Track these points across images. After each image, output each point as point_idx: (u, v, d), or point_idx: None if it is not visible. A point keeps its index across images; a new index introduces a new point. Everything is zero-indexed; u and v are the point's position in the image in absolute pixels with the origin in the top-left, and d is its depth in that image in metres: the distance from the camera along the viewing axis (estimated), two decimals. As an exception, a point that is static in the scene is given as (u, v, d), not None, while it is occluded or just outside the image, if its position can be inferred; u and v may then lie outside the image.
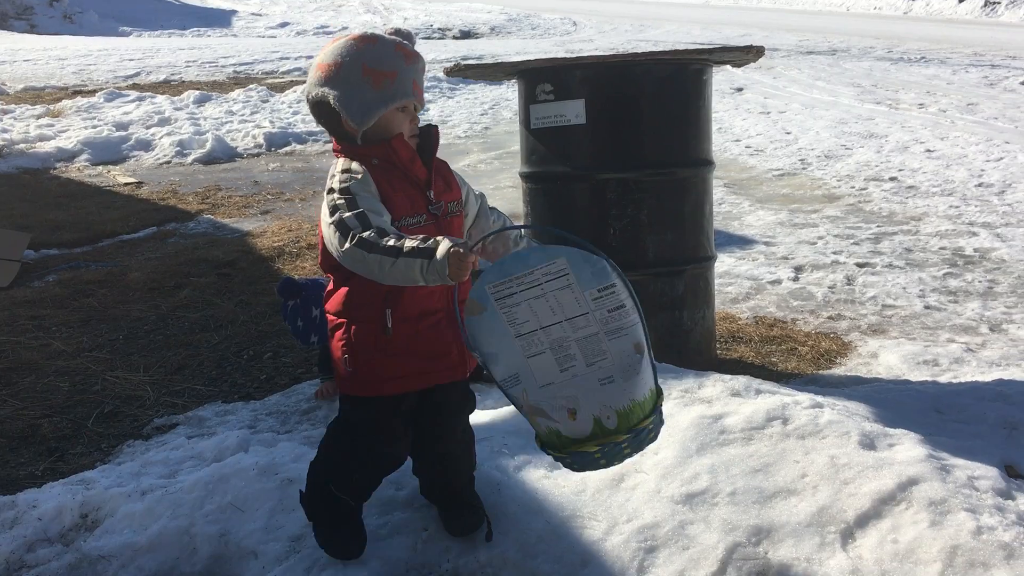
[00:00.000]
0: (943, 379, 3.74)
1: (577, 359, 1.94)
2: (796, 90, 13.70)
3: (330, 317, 2.31)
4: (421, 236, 1.95)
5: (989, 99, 12.25)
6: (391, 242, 1.93)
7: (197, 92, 12.69)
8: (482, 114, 12.43)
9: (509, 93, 13.34)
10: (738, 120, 11.41)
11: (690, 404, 3.04)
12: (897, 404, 3.24)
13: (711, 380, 3.19)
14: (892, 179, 8.06)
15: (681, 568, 2.34)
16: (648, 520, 2.49)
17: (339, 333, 2.27)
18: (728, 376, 3.24)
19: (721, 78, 14.38)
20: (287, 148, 10.40)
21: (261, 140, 10.39)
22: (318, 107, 2.21)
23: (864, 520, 2.42)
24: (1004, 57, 18.18)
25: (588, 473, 2.66)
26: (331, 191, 2.12)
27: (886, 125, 10.51)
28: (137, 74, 15.47)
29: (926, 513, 2.39)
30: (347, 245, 1.97)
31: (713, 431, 2.85)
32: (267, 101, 12.58)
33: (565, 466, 2.07)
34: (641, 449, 2.03)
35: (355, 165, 2.15)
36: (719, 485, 2.60)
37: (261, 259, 6.12)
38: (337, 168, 2.17)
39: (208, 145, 9.90)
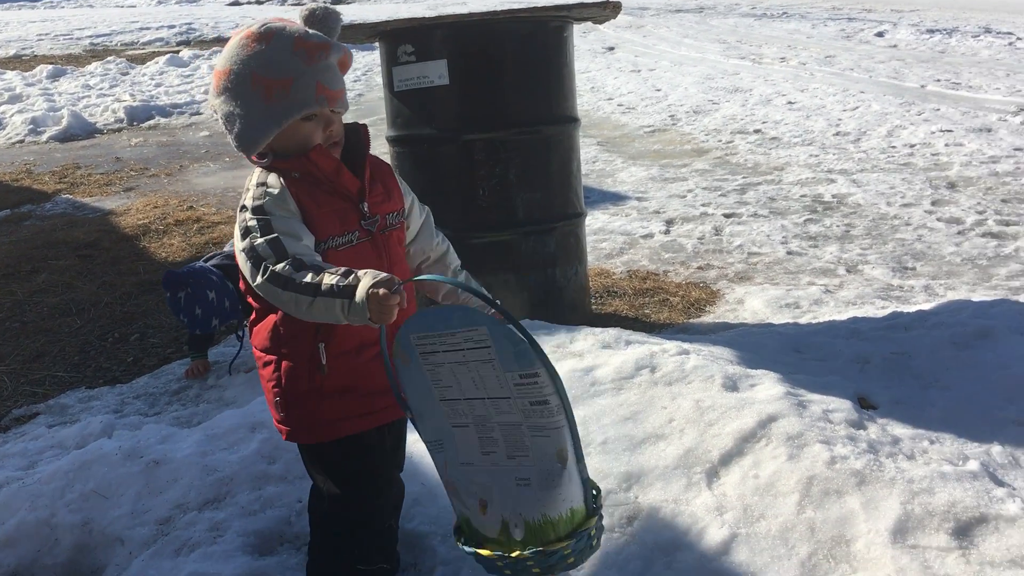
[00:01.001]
0: (803, 320, 3.90)
1: (500, 446, 1.66)
2: (665, 48, 13.96)
3: (257, 353, 1.96)
4: (342, 270, 1.65)
5: (846, 51, 12.76)
6: (307, 278, 1.65)
7: (51, 66, 12.08)
8: (355, 80, 12.22)
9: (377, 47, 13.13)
10: (610, 79, 11.55)
11: (562, 359, 3.08)
12: (759, 346, 3.37)
13: (582, 334, 3.24)
14: (756, 131, 8.32)
15: (555, 518, 2.38)
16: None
17: (268, 372, 1.92)
18: (599, 329, 3.30)
19: (593, 38, 14.52)
20: (151, 122, 10.00)
21: (122, 115, 9.96)
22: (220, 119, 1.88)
23: (727, 459, 2.51)
24: (860, 11, 18.96)
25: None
26: (243, 208, 1.81)
27: (750, 79, 10.83)
28: (-18, 49, 14.55)
29: (784, 448, 2.50)
30: (259, 279, 1.70)
31: (584, 383, 2.90)
32: (127, 74, 12.06)
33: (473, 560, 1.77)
34: (555, 572, 1.69)
35: (272, 179, 1.83)
36: (591, 435, 2.64)
37: (125, 238, 5.88)
38: (252, 181, 1.86)
39: (64, 122, 9.42)
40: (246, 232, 1.76)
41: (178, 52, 14.08)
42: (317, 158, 1.82)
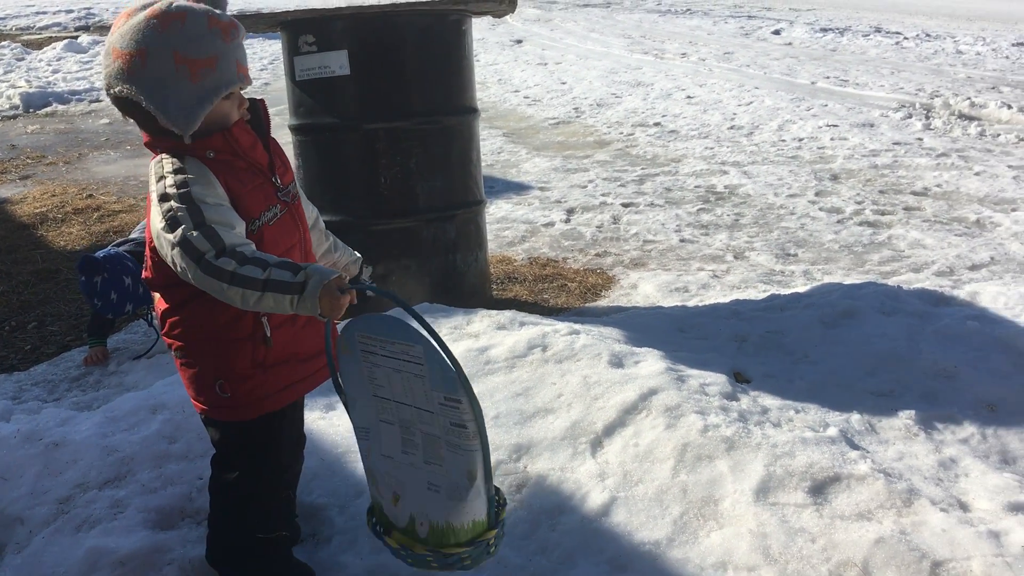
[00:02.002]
0: (691, 303, 4.13)
1: (419, 450, 1.77)
2: (572, 41, 14.20)
3: (177, 343, 1.96)
4: (287, 264, 1.71)
5: (743, 48, 13.21)
6: (255, 273, 1.68)
7: (-63, 49, 11.56)
8: (261, 69, 12.10)
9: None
10: (517, 71, 11.72)
11: (459, 339, 3.21)
12: (646, 327, 3.56)
13: (479, 316, 3.38)
14: (656, 124, 8.60)
15: (449, 488, 2.51)
16: (418, 448, 2.64)
17: (204, 356, 1.94)
18: (495, 312, 3.45)
19: (502, 30, 14.66)
20: (47, 109, 9.73)
21: (17, 101, 9.67)
22: (123, 104, 1.82)
23: (611, 429, 2.68)
24: (760, 9, 19.57)
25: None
26: (165, 198, 1.76)
27: (652, 74, 11.14)
28: None
29: (663, 418, 2.68)
30: (198, 272, 1.69)
31: (480, 362, 3.04)
32: (23, 59, 11.69)
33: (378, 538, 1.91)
34: (451, 570, 1.81)
35: (191, 163, 1.80)
36: (484, 410, 2.74)
37: (22, 227, 5.77)
38: (164, 168, 1.81)
39: (-46, 108, 9.10)
40: (174, 223, 1.72)
41: (76, 38, 13.67)
42: (239, 134, 1.86)
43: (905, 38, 14.74)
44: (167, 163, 1.82)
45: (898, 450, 2.70)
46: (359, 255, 2.35)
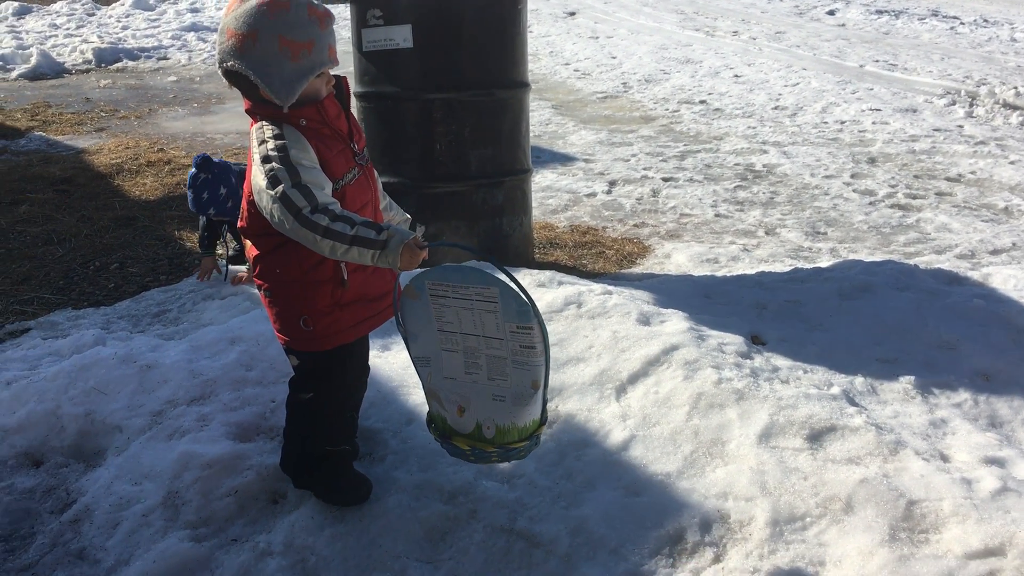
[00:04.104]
0: (720, 273, 4.41)
1: (483, 370, 2.11)
2: (624, 16, 14.34)
3: (267, 283, 2.28)
4: (371, 223, 2.01)
5: (796, 28, 13.26)
6: (345, 229, 1.98)
7: (16, 3, 12.14)
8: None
9: (347, 11, 13.34)
10: (569, 44, 11.94)
11: (502, 294, 3.54)
12: (674, 291, 3.86)
13: (521, 274, 3.71)
14: (702, 102, 8.81)
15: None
16: (463, 386, 2.99)
17: (290, 296, 2.26)
18: (536, 271, 3.78)
19: (556, 2, 14.83)
20: (118, 64, 10.19)
21: (90, 56, 10.13)
22: (233, 77, 2.12)
23: (634, 378, 3.01)
24: (818, -13, 19.36)
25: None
26: (267, 159, 2.05)
27: (702, 51, 11.29)
28: (-57, -19, 14.44)
29: (681, 370, 3.00)
30: (295, 224, 1.98)
31: (520, 315, 3.37)
32: (93, 15, 12.16)
33: (441, 446, 2.31)
34: (508, 460, 2.27)
35: (288, 130, 2.10)
36: (522, 356, 3.12)
37: (99, 176, 6.20)
38: (265, 134, 2.10)
39: (33, 60, 9.59)
40: (274, 180, 2.01)
41: (143, -6, 14.14)
42: (328, 105, 2.18)
43: (961, 23, 14.65)
44: (267, 129, 2.11)
45: (894, 409, 2.99)
46: (408, 216, 2.68)
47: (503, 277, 2.02)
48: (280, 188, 2.01)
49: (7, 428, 2.90)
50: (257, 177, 2.07)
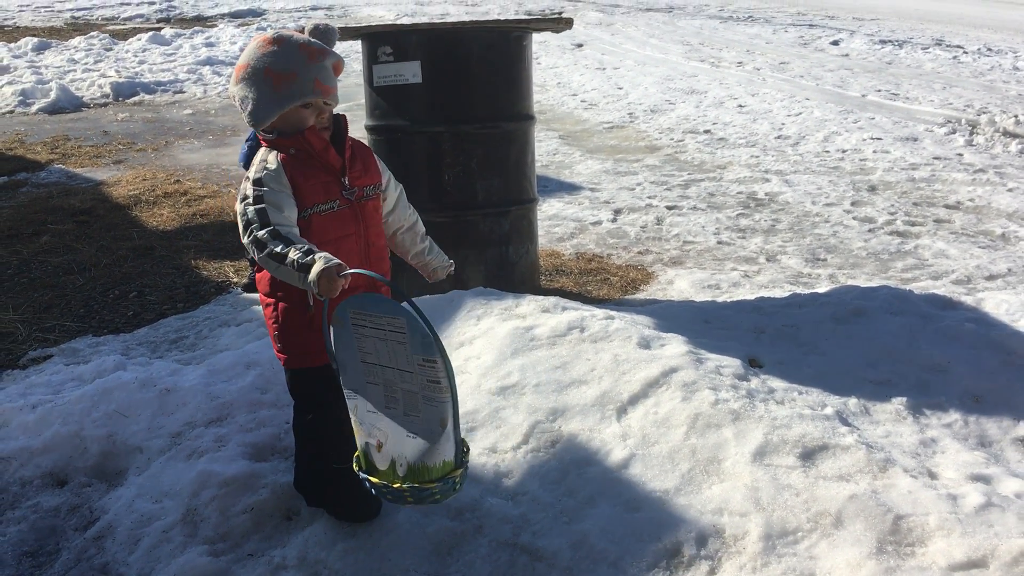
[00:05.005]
0: (720, 299, 4.53)
1: (400, 404, 2.16)
2: (631, 47, 14.57)
3: (261, 296, 2.48)
4: (305, 248, 2.13)
5: (800, 58, 13.46)
6: (278, 248, 2.14)
7: (35, 39, 12.42)
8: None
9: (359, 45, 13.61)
10: (576, 75, 12.15)
11: (508, 319, 3.67)
12: (675, 316, 3.98)
13: (526, 300, 3.83)
14: (706, 132, 8.97)
15: (494, 441, 2.98)
16: (470, 408, 3.11)
17: (268, 311, 2.45)
18: (541, 296, 3.90)
19: (564, 34, 15.06)
20: (135, 98, 10.43)
21: (108, 90, 10.38)
22: (236, 102, 2.36)
23: (635, 399, 3.12)
24: (823, 17, 19.66)
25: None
26: (247, 179, 2.31)
27: (707, 82, 11.48)
28: (-35, 18, 14.81)
29: (680, 392, 3.11)
30: (246, 239, 2.21)
31: (525, 339, 3.49)
32: (111, 49, 12.44)
33: (362, 481, 2.31)
34: (423, 503, 2.23)
35: (271, 157, 2.31)
36: (527, 379, 3.24)
37: (118, 207, 6.38)
38: (258, 158, 2.35)
39: (52, 94, 9.85)
40: (243, 199, 2.26)
41: (160, 30, 14.46)
42: (310, 137, 2.33)
43: (965, 52, 14.83)
44: (260, 154, 2.36)
45: (886, 429, 3.10)
46: (451, 263, 2.84)
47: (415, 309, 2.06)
48: (243, 205, 2.25)
49: (33, 449, 3.03)
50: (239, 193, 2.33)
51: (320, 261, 2.08)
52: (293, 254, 2.11)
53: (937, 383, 3.41)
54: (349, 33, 4.48)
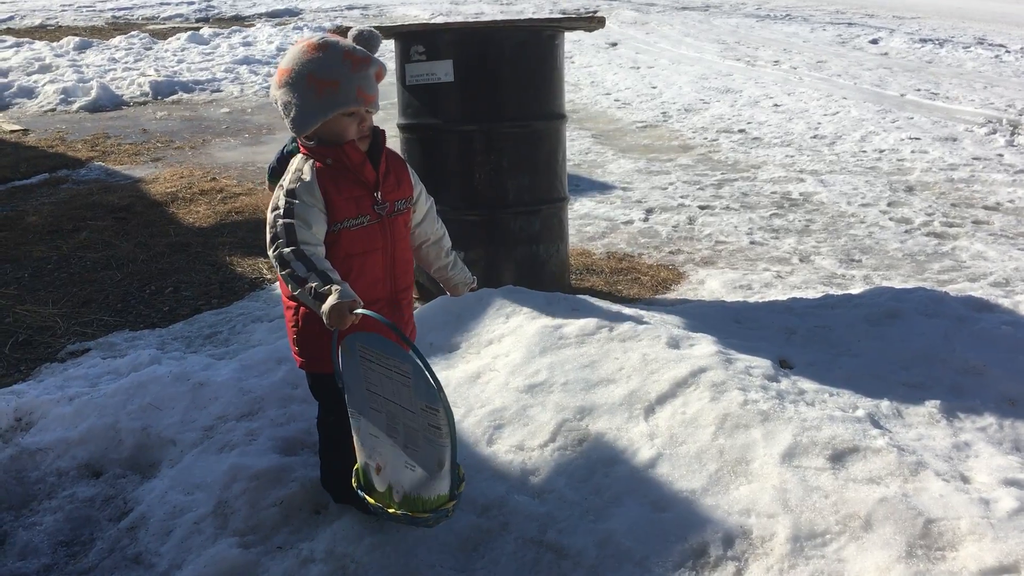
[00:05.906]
0: (752, 300, 4.50)
1: (400, 436, 2.22)
2: (666, 46, 14.50)
3: (283, 299, 2.51)
4: (326, 276, 2.15)
5: (837, 57, 13.31)
6: (299, 271, 2.17)
7: (77, 38, 12.62)
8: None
9: (391, 44, 13.70)
10: (610, 74, 12.12)
11: (537, 318, 3.67)
12: (705, 316, 3.96)
13: (556, 298, 3.84)
14: (741, 131, 8.91)
15: (521, 439, 2.98)
16: (497, 405, 3.13)
17: (289, 315, 2.46)
18: (570, 295, 3.90)
19: (598, 33, 15.02)
20: (174, 97, 10.57)
21: (147, 88, 10.53)
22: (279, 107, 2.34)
23: (663, 399, 3.11)
24: (863, 15, 19.43)
25: (453, 371, 3.31)
26: (280, 187, 2.30)
27: (742, 81, 11.40)
28: (11, 18, 15.13)
29: (708, 392, 3.10)
30: (270, 252, 2.23)
31: (553, 337, 3.50)
32: (150, 48, 12.62)
33: (360, 496, 2.40)
34: (416, 526, 2.39)
35: (307, 167, 2.30)
36: (555, 378, 3.25)
37: (155, 204, 6.47)
38: (293, 166, 2.34)
39: (93, 93, 10.01)
40: (274, 209, 2.26)
41: (199, 29, 14.65)
42: (350, 151, 2.32)
43: (1007, 51, 14.57)
44: (296, 162, 2.36)
45: (918, 432, 3.06)
46: (473, 279, 2.86)
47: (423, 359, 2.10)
48: (273, 215, 2.26)
49: (70, 441, 3.09)
50: (272, 200, 2.32)
51: (334, 295, 2.10)
52: (312, 280, 2.14)
53: (972, 386, 3.36)
54: (382, 32, 4.51)
